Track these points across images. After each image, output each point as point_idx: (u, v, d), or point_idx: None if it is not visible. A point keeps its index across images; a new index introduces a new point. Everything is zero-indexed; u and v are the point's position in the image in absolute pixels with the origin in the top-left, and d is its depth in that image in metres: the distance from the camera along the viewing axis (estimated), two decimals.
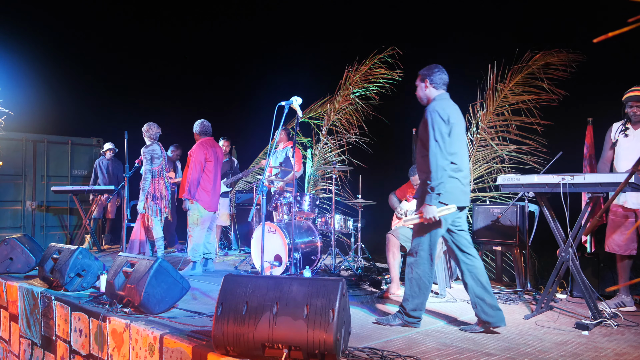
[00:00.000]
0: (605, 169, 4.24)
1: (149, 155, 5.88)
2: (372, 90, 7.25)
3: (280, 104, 3.95)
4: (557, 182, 3.62)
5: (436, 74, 3.43)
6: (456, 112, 3.41)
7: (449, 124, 3.28)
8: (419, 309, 3.43)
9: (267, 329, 2.54)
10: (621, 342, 3.16)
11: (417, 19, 8.31)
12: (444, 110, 3.30)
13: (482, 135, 6.01)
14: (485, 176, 5.96)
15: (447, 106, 3.36)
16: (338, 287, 2.58)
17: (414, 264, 3.41)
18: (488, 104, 6.03)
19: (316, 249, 5.53)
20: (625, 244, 4.07)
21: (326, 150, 7.81)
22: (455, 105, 3.46)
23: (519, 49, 5.90)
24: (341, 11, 9.37)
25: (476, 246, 5.45)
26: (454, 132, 3.31)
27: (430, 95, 3.47)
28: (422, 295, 3.41)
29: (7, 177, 8.52)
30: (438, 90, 3.45)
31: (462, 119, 3.48)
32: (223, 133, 7.37)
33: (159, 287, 3.70)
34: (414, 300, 3.42)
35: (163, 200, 5.94)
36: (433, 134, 3.25)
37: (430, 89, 3.46)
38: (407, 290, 3.45)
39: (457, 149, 3.34)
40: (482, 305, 3.33)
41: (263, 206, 3.75)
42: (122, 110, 10.20)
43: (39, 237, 8.72)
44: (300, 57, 9.29)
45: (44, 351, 4.43)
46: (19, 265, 5.43)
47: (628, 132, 4.09)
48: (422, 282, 3.40)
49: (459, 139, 3.37)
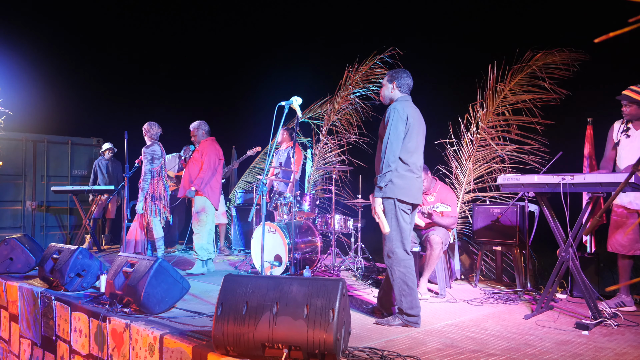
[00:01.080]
0: (608, 167, 4.24)
1: (150, 155, 5.89)
2: (372, 90, 7.25)
3: (280, 104, 3.95)
4: (557, 182, 3.62)
5: (404, 78, 3.66)
6: (416, 114, 3.60)
7: (407, 123, 3.48)
8: (415, 306, 3.46)
9: (267, 329, 2.54)
10: (621, 342, 3.16)
11: (417, 18, 8.31)
12: (404, 110, 3.50)
13: (482, 135, 6.00)
14: (485, 176, 5.96)
15: (408, 107, 3.56)
16: (338, 287, 2.58)
17: (393, 264, 3.50)
18: (488, 103, 6.02)
19: (316, 249, 5.53)
20: (629, 244, 4.07)
21: (326, 150, 7.81)
22: (416, 109, 3.66)
23: (519, 48, 5.89)
24: (341, 11, 9.37)
25: (476, 246, 5.48)
26: (411, 132, 3.50)
27: (394, 97, 3.68)
28: (412, 291, 3.47)
29: (7, 177, 8.51)
30: (402, 94, 3.67)
31: (422, 122, 3.67)
32: (223, 133, 7.38)
33: (159, 287, 3.70)
34: (407, 298, 3.46)
35: (162, 201, 5.94)
36: (389, 131, 3.45)
37: (395, 91, 3.68)
38: (396, 292, 3.50)
39: (414, 149, 3.53)
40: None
41: (263, 206, 3.75)
42: (122, 110, 10.20)
43: (39, 237, 8.72)
44: (301, 57, 9.30)
45: (44, 351, 4.42)
46: (19, 265, 5.43)
47: (630, 133, 4.10)
48: (408, 277, 3.47)
49: (416, 140, 3.55)
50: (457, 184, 6.10)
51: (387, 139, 3.43)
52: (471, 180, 6.00)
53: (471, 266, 5.60)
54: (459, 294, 4.67)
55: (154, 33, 11.48)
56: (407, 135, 3.47)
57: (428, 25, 8.16)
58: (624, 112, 4.09)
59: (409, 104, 3.62)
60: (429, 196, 4.79)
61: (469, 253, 5.70)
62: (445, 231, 4.66)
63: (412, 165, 3.51)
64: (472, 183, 5.99)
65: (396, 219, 3.47)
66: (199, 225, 5.67)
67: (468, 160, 6.05)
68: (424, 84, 7.69)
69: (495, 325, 3.54)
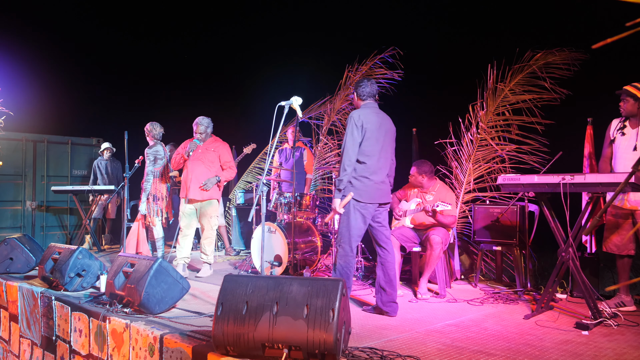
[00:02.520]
0: (606, 166, 4.24)
1: (152, 156, 5.88)
2: None
3: (280, 104, 3.94)
4: (557, 182, 3.62)
5: (362, 87, 3.92)
6: (374, 119, 3.81)
7: (362, 130, 3.72)
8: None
9: (267, 329, 2.54)
10: (621, 342, 3.16)
11: (417, 18, 8.31)
12: (359, 117, 3.75)
13: (482, 135, 6.00)
14: (485, 176, 5.96)
15: (365, 114, 3.79)
16: (338, 287, 2.58)
17: (338, 255, 3.84)
18: (488, 103, 6.02)
19: (316, 249, 5.53)
20: (622, 244, 4.07)
21: (326, 150, 7.81)
22: (379, 114, 3.89)
23: (519, 48, 5.89)
24: (341, 11, 9.37)
25: (476, 246, 5.48)
26: (369, 137, 3.74)
27: (358, 105, 3.98)
28: (347, 282, 3.79)
29: (7, 177, 8.51)
30: (364, 101, 3.93)
31: (384, 126, 3.86)
32: (223, 133, 7.37)
33: (159, 287, 3.70)
34: None
35: (164, 201, 5.94)
36: (345, 137, 3.75)
37: (357, 100, 3.98)
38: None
39: (372, 152, 3.76)
40: (382, 294, 3.84)
41: (263, 206, 3.74)
42: (122, 110, 10.19)
43: (39, 237, 8.71)
44: (301, 57, 9.29)
45: (44, 351, 4.42)
46: (19, 265, 5.43)
47: (625, 131, 4.09)
48: (344, 272, 3.77)
49: (375, 144, 3.77)
50: (457, 184, 6.10)
51: (343, 145, 3.74)
52: (471, 180, 6.00)
53: (471, 266, 5.60)
54: (459, 294, 4.67)
55: (154, 33, 11.48)
56: (364, 140, 3.73)
57: (428, 25, 8.16)
58: (621, 107, 4.09)
59: (369, 110, 3.85)
60: (428, 195, 4.80)
61: (469, 253, 5.70)
62: (445, 231, 4.66)
63: (370, 167, 3.75)
64: (472, 183, 5.99)
65: (348, 217, 3.76)
66: (213, 230, 5.50)
67: (468, 160, 6.05)
68: (424, 83, 7.71)
69: (495, 325, 3.54)
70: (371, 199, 3.77)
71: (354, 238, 3.77)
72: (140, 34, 11.38)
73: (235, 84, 11.03)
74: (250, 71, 10.66)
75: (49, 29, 10.32)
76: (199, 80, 11.26)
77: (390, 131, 3.95)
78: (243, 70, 10.94)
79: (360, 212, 3.75)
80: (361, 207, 3.75)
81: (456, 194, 5.94)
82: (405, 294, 4.65)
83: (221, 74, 11.28)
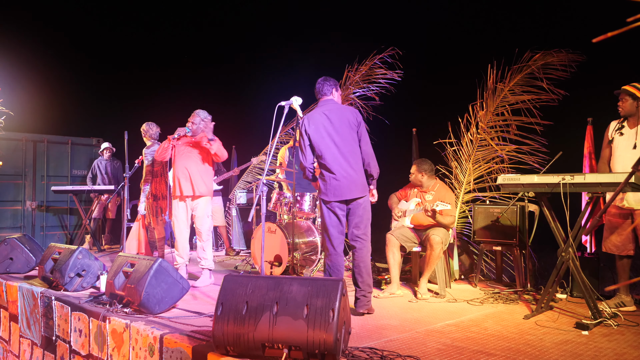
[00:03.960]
0: (605, 167, 4.24)
1: (150, 156, 5.88)
2: (372, 90, 7.25)
3: (280, 104, 3.95)
4: (557, 182, 3.62)
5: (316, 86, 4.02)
6: (318, 119, 3.84)
7: (306, 135, 3.86)
8: None
9: (267, 329, 2.54)
10: (621, 342, 3.16)
11: (417, 18, 8.31)
12: (302, 125, 3.89)
13: (482, 135, 6.00)
14: (485, 176, 5.96)
15: (307, 119, 3.89)
16: (338, 287, 2.58)
17: (325, 255, 3.94)
18: (488, 104, 6.02)
19: (316, 249, 5.53)
20: (622, 244, 4.06)
21: None
22: (321, 112, 3.87)
23: (518, 48, 5.89)
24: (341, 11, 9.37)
25: (476, 246, 5.47)
26: (315, 139, 3.83)
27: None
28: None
29: (7, 177, 8.51)
30: (318, 102, 4.03)
31: (326, 121, 3.83)
32: (223, 133, 7.37)
33: (159, 287, 3.70)
34: None
35: (165, 200, 5.94)
36: (298, 147, 3.95)
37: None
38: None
39: (323, 151, 3.83)
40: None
41: (263, 206, 3.74)
42: (122, 110, 10.19)
43: (39, 237, 8.71)
44: (301, 57, 9.29)
45: (44, 351, 4.42)
46: (19, 265, 5.43)
47: (623, 131, 4.09)
48: (333, 271, 3.85)
49: (322, 143, 3.83)
50: (457, 184, 6.10)
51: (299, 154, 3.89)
52: (471, 180, 6.00)
53: (471, 266, 5.60)
54: (459, 294, 4.67)
55: (154, 33, 11.48)
56: (312, 143, 3.85)
57: (428, 25, 8.16)
58: (619, 106, 4.09)
59: (311, 113, 3.92)
60: (427, 194, 4.80)
61: (469, 253, 5.70)
62: (445, 231, 4.66)
63: (327, 166, 3.81)
64: (472, 183, 5.99)
65: (322, 217, 3.89)
66: (210, 232, 5.12)
67: (468, 160, 6.05)
68: (423, 84, 7.71)
69: (495, 325, 3.54)
70: (334, 196, 3.81)
71: (333, 238, 3.86)
72: (141, 34, 11.38)
73: (235, 84, 11.03)
74: (251, 71, 10.66)
75: (49, 29, 10.32)
76: (199, 80, 11.26)
77: (334, 123, 3.82)
78: (243, 71, 10.94)
79: (331, 211, 3.84)
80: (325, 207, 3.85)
81: (456, 194, 5.94)
82: (405, 294, 4.65)
83: (221, 74, 11.28)
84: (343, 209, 3.86)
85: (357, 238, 3.87)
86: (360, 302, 3.80)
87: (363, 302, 3.80)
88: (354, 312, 3.79)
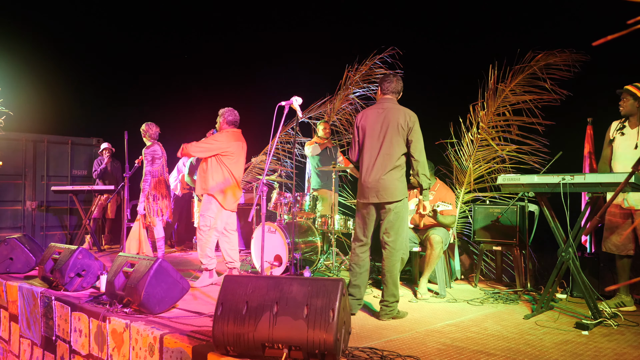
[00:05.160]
0: (605, 167, 4.24)
1: (150, 156, 5.88)
2: (372, 90, 7.26)
3: (280, 104, 3.95)
4: (557, 182, 3.62)
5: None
6: (368, 116, 3.86)
7: (355, 129, 3.97)
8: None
9: (267, 329, 2.54)
10: (621, 342, 3.16)
11: (417, 18, 8.31)
12: (357, 118, 3.97)
13: (483, 136, 6.00)
14: (485, 176, 5.96)
15: (363, 112, 3.95)
16: (338, 287, 2.57)
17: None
18: (489, 104, 6.02)
19: (316, 249, 5.53)
20: (622, 244, 4.06)
21: None
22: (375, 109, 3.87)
23: (520, 49, 5.89)
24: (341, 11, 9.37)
25: (476, 246, 5.47)
26: (360, 134, 3.89)
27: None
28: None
29: (7, 177, 8.50)
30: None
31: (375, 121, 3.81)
32: None
33: (159, 287, 3.70)
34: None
35: (165, 200, 5.94)
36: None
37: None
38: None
39: (363, 149, 3.85)
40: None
41: (263, 206, 3.74)
42: (122, 110, 10.18)
43: (39, 237, 8.71)
44: (301, 57, 9.29)
45: (44, 351, 4.42)
46: (19, 265, 5.43)
47: (625, 131, 4.09)
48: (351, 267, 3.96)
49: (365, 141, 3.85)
50: (458, 184, 6.10)
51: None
52: (471, 180, 6.00)
53: (471, 266, 5.60)
54: (459, 294, 4.67)
55: (154, 33, 11.47)
56: (358, 139, 3.89)
57: (428, 25, 8.15)
58: (621, 106, 4.09)
59: (369, 108, 3.96)
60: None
61: (469, 253, 5.70)
62: (446, 231, 4.66)
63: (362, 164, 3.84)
64: (472, 183, 5.99)
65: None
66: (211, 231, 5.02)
67: (468, 160, 6.05)
68: (424, 84, 7.70)
69: (495, 325, 3.54)
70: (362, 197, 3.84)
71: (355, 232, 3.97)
72: (141, 34, 11.37)
73: (235, 84, 11.03)
74: (251, 71, 10.66)
75: (49, 29, 10.32)
76: (199, 80, 11.26)
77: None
78: (243, 71, 10.93)
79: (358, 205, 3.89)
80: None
81: (456, 194, 5.94)
82: (405, 294, 4.65)
83: (221, 74, 11.28)
84: (369, 210, 3.79)
85: (385, 245, 3.76)
86: (382, 311, 3.73)
87: (385, 311, 3.72)
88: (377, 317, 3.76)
